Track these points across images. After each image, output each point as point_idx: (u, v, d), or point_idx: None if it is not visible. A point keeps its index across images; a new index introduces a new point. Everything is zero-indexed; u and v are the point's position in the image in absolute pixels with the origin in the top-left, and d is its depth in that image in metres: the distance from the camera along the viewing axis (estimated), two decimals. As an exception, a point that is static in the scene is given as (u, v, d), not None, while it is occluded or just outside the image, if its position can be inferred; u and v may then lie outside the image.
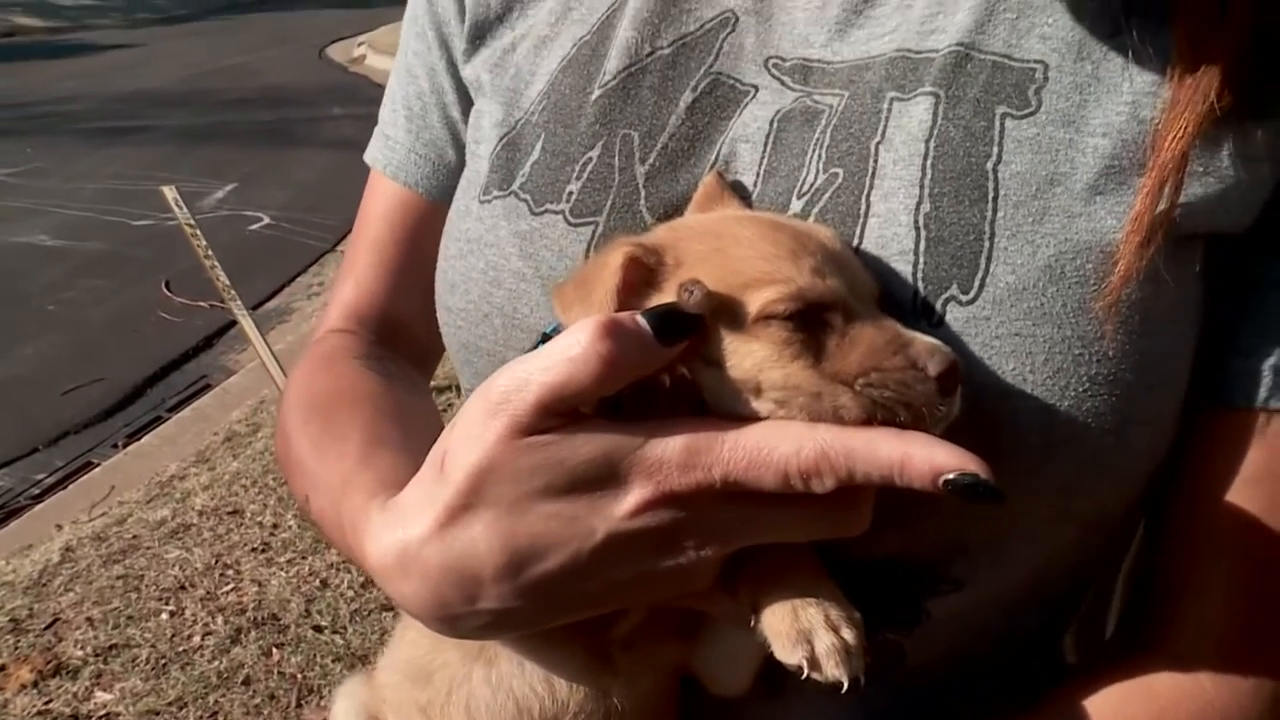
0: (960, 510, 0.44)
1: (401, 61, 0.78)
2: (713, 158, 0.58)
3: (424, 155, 0.75)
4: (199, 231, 4.33)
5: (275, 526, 3.32)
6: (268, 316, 5.48)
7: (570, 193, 0.60)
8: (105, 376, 5.04)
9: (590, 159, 0.60)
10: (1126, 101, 0.50)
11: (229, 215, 7.28)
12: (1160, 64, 0.49)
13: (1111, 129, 0.50)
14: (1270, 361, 0.51)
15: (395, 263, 0.76)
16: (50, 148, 9.77)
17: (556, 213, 0.60)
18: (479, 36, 0.70)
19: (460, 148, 0.73)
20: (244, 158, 9.05)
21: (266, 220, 7.27)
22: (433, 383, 0.82)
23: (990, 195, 0.50)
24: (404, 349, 0.76)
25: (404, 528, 0.48)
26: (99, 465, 4.23)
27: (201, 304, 5.69)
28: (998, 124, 0.50)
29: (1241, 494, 0.52)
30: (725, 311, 0.47)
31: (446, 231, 0.68)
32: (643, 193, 0.58)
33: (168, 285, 6.07)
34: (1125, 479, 0.52)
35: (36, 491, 4.10)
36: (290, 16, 20.98)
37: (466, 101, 0.73)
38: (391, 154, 0.77)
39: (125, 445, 4.40)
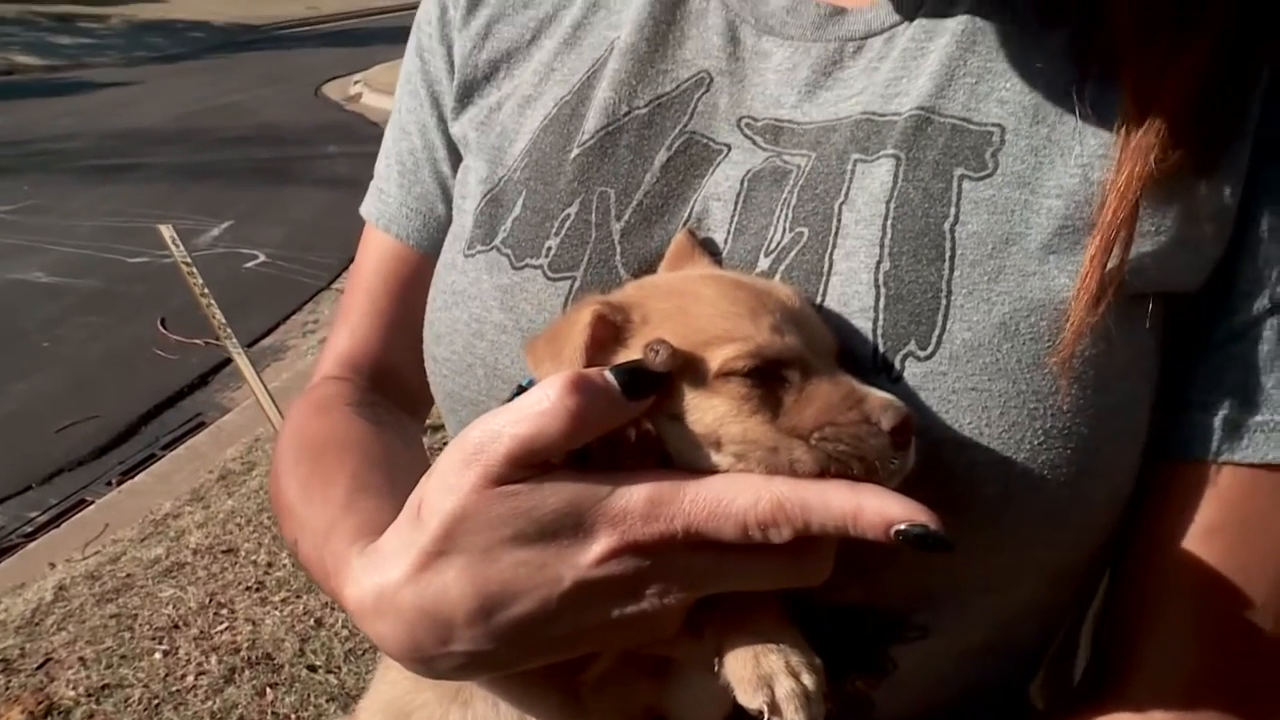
0: (922, 560, 0.46)
1: (396, 118, 0.81)
2: (686, 215, 0.60)
3: (415, 209, 0.78)
4: (195, 270, 4.35)
5: (270, 565, 3.32)
6: (263, 354, 5.50)
7: (549, 248, 0.63)
8: (100, 414, 5.06)
9: (569, 215, 0.63)
10: (1079, 164, 0.52)
11: (224, 252, 7.31)
12: (1110, 126, 0.52)
13: (1064, 190, 0.52)
14: (1221, 415, 0.53)
15: (388, 313, 0.79)
16: (47, 185, 9.82)
17: (536, 267, 0.62)
18: (467, 95, 0.73)
19: (449, 202, 0.76)
20: (240, 195, 9.09)
21: (262, 258, 7.30)
22: (428, 420, 0.84)
23: (947, 254, 0.52)
24: (396, 396, 0.78)
25: (381, 572, 0.50)
26: (93, 503, 4.23)
27: (197, 341, 5.71)
28: (955, 185, 0.53)
29: (1198, 544, 0.54)
30: (688, 368, 0.49)
31: (434, 283, 0.70)
32: (618, 248, 0.61)
33: (163, 323, 6.09)
34: (1084, 529, 0.54)
35: (29, 529, 4.10)
36: (286, 55, 21.13)
37: (456, 157, 0.76)
38: (385, 207, 0.80)
39: (119, 483, 4.40)
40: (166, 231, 4.46)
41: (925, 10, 0.58)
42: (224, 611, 3.10)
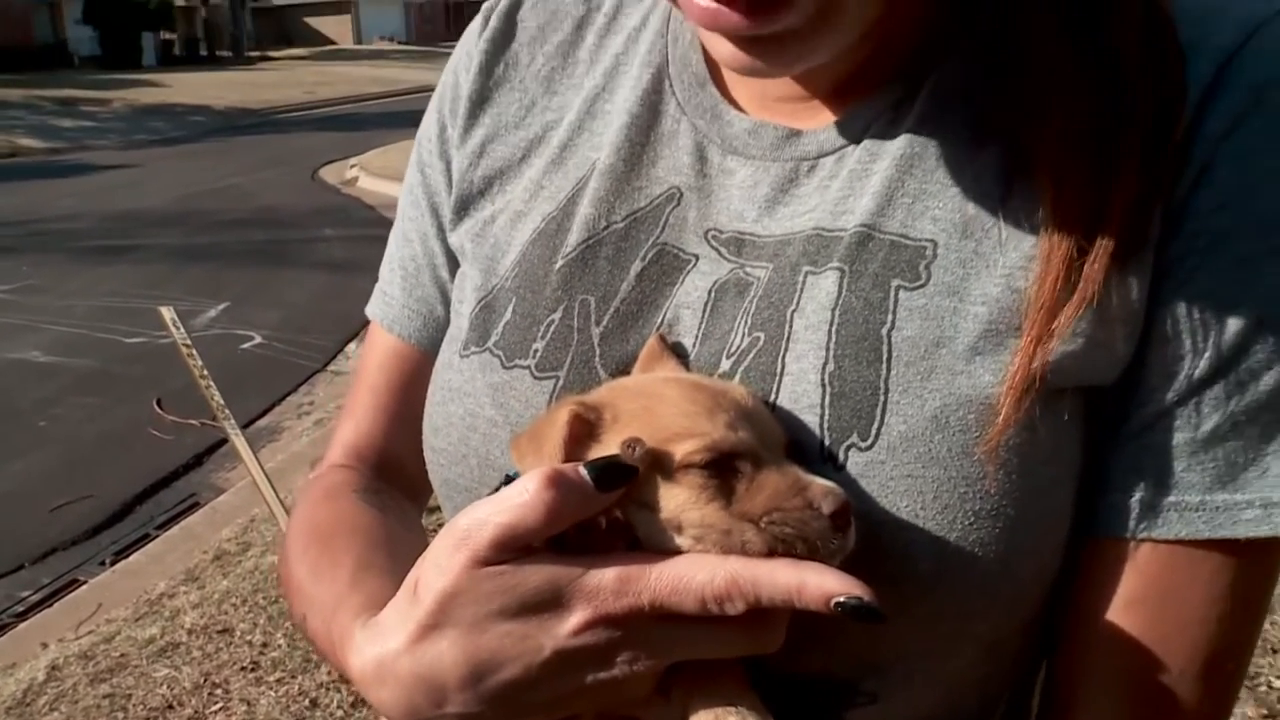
0: (866, 631, 0.52)
1: (399, 226, 0.88)
2: (659, 321, 0.67)
3: (416, 311, 0.84)
4: (195, 351, 4.43)
5: (265, 645, 3.34)
6: (258, 435, 5.54)
7: (536, 350, 0.69)
8: (94, 493, 5.08)
9: (553, 320, 0.69)
10: (1002, 274, 0.59)
11: (221, 334, 7.38)
12: (1032, 239, 0.59)
13: (989, 298, 0.59)
14: (1138, 496, 0.59)
15: (390, 407, 0.85)
16: (46, 265, 9.91)
17: (524, 367, 0.69)
18: (464, 208, 0.80)
19: (448, 305, 0.82)
20: (237, 277, 9.19)
21: (258, 339, 7.37)
22: (431, 501, 0.91)
23: (885, 357, 0.59)
24: (398, 483, 0.84)
25: (382, 643, 0.56)
26: (86, 583, 4.24)
27: (192, 422, 5.75)
28: (893, 295, 0.60)
29: (1121, 616, 0.60)
30: (654, 461, 0.55)
31: (433, 380, 0.77)
32: (597, 351, 0.68)
33: (159, 403, 6.14)
34: (1014, 602, 0.60)
35: (21, 609, 4.10)
36: (284, 139, 21.40)
37: (454, 264, 0.82)
38: (388, 309, 0.86)
39: (113, 563, 4.41)
40: (167, 313, 4.53)
41: (870, 133, 0.65)
42: (219, 692, 3.11)
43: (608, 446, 0.56)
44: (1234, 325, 0.57)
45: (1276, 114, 0.57)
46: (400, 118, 24.02)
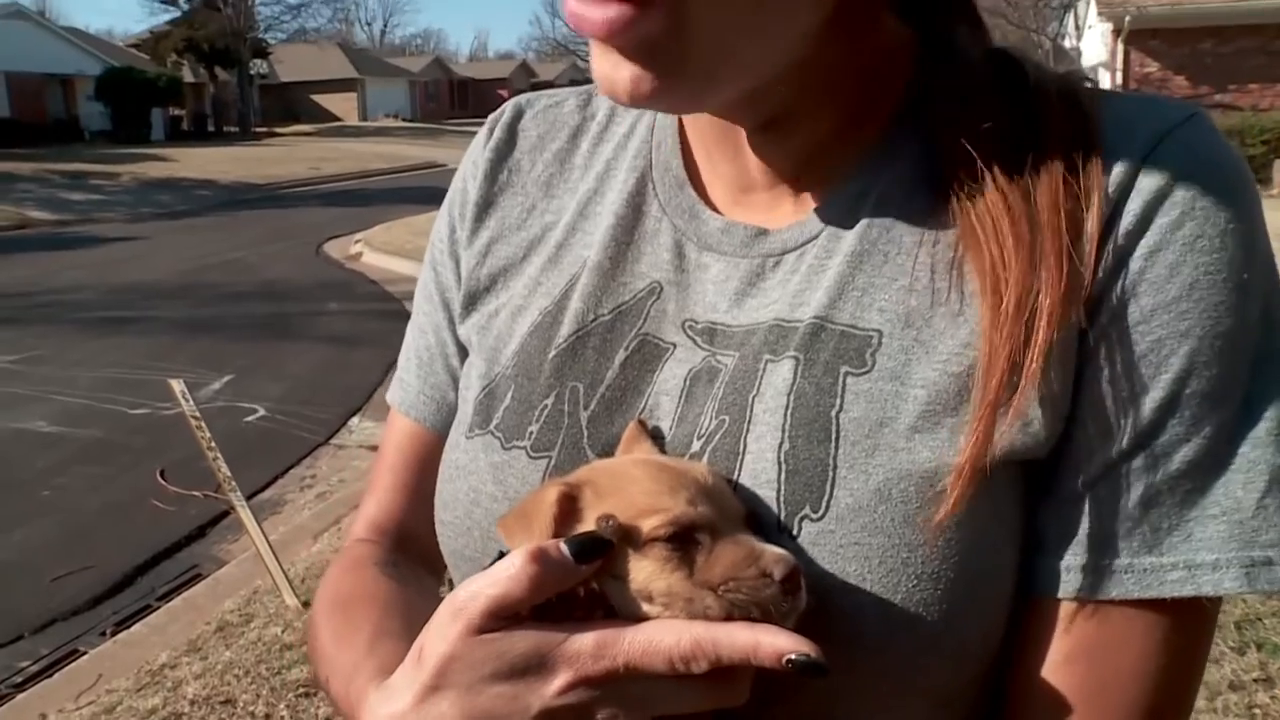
0: (827, 686, 0.58)
1: (415, 319, 0.95)
2: (641, 405, 0.74)
3: (430, 397, 0.91)
4: (203, 424, 4.50)
5: (268, 716, 3.35)
6: (261, 507, 5.57)
7: (532, 432, 0.76)
8: (95, 564, 5.09)
9: (546, 405, 0.76)
10: (940, 360, 0.66)
11: (225, 406, 7.44)
12: (968, 329, 0.66)
13: (928, 382, 0.65)
14: (1070, 560, 0.65)
15: (408, 485, 0.92)
16: (52, 336, 10.02)
17: (521, 448, 0.76)
18: (471, 304, 0.87)
19: (459, 391, 0.89)
20: (241, 350, 9.29)
21: (262, 412, 7.43)
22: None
23: (834, 436, 0.65)
24: (415, 555, 0.91)
25: (391, 704, 0.62)
26: (86, 653, 4.23)
27: (195, 493, 5.80)
28: (841, 380, 0.67)
29: (1059, 672, 0.65)
30: (624, 535, 0.61)
31: (443, 459, 0.83)
32: (586, 433, 0.75)
33: (162, 474, 6.18)
34: (961, 658, 0.65)
35: (20, 679, 4.09)
36: (289, 213, 21.63)
37: (464, 354, 0.89)
38: (405, 395, 0.93)
39: (114, 634, 4.41)
40: (177, 385, 4.61)
41: (827, 233, 0.72)
42: (219, 764, 3.12)
43: (589, 523, 0.63)
44: (1149, 404, 0.63)
45: (1179, 213, 0.64)
46: (404, 194, 24.41)
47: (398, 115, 66.92)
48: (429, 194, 23.10)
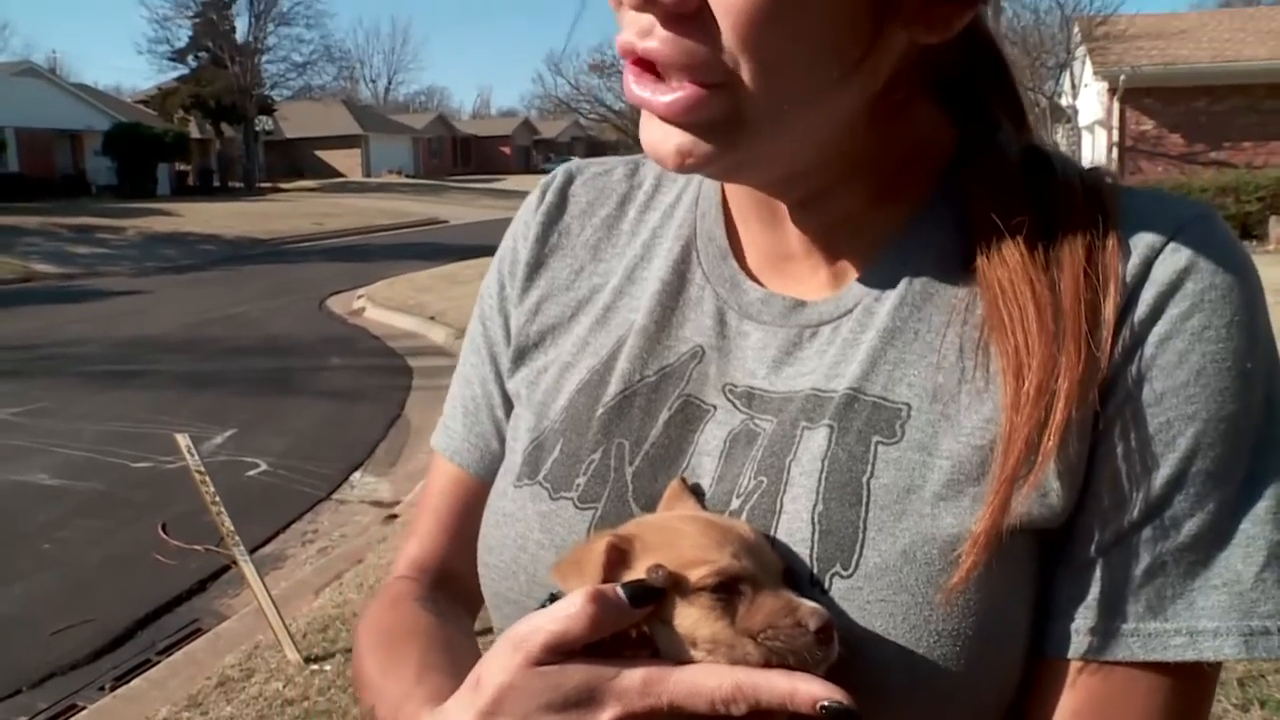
0: None
1: (461, 370, 0.99)
2: (683, 464, 0.79)
3: (475, 444, 0.95)
4: (208, 478, 4.53)
5: (267, 774, 3.35)
6: (262, 562, 5.57)
7: (579, 484, 0.80)
8: (95, 617, 5.08)
9: (593, 460, 0.81)
10: (965, 434, 0.70)
11: (227, 461, 7.47)
12: (991, 407, 0.70)
13: (952, 454, 0.70)
14: (1080, 623, 0.69)
15: (450, 527, 0.96)
16: (56, 389, 10.07)
17: (568, 499, 0.80)
18: (520, 359, 0.92)
19: (502, 440, 0.94)
20: (243, 405, 9.33)
21: (263, 466, 7.46)
22: (476, 626, 1.02)
23: (864, 500, 0.70)
24: (453, 593, 0.95)
25: None
26: (85, 708, 4.22)
27: (197, 547, 5.80)
28: (873, 449, 0.71)
29: None
30: (673, 584, 0.66)
31: (489, 505, 0.88)
32: (630, 487, 0.79)
33: (163, 528, 6.19)
34: (977, 711, 0.70)
35: (19, 734, 4.09)
36: (292, 268, 21.79)
37: (508, 405, 0.93)
38: (450, 441, 0.97)
39: (113, 688, 4.40)
40: (182, 440, 4.64)
41: (861, 308, 0.77)
42: (218, 821, 3.11)
43: (636, 572, 0.67)
44: (1158, 480, 0.68)
45: (1189, 305, 0.69)
46: (407, 250, 24.62)
47: (401, 171, 67.54)
48: (431, 250, 23.42)
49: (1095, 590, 0.69)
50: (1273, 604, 0.67)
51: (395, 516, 6.30)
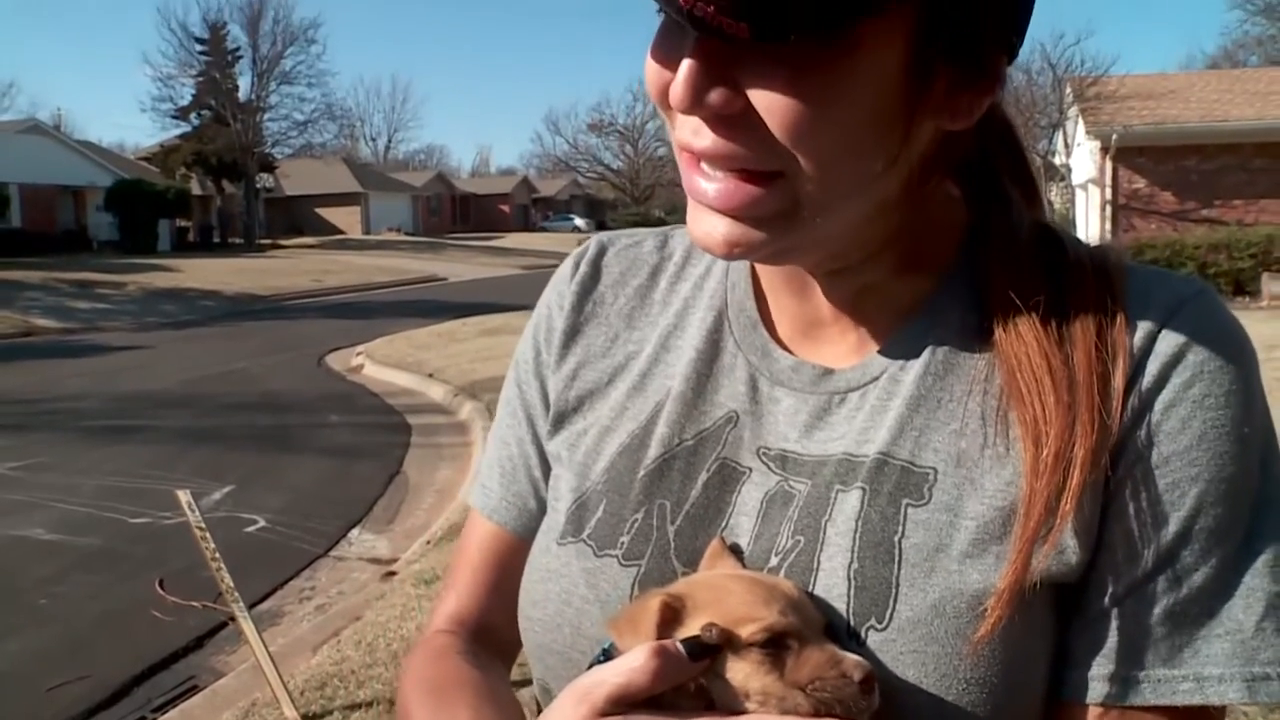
0: None
1: (497, 430, 1.04)
2: (722, 523, 0.83)
3: (512, 503, 0.99)
4: (208, 535, 4.52)
5: (265, 833, 3.32)
6: (260, 618, 5.53)
7: (623, 543, 0.85)
8: (92, 674, 5.04)
9: (636, 520, 0.85)
10: (988, 496, 0.75)
11: (225, 516, 7.44)
12: (1012, 470, 0.75)
13: (977, 515, 0.75)
14: (1095, 671, 0.74)
15: (488, 582, 1.00)
16: (54, 443, 10.07)
17: (613, 556, 0.84)
18: (560, 422, 0.96)
19: (539, 499, 0.98)
20: (242, 460, 9.32)
21: (262, 523, 7.43)
22: (511, 677, 1.05)
23: (896, 559, 0.75)
24: (491, 646, 0.98)
25: None
26: (81, 766, 4.20)
27: (194, 604, 5.76)
28: (903, 510, 0.76)
29: None
30: (726, 640, 0.71)
31: (531, 561, 0.91)
32: (673, 545, 0.83)
33: (161, 584, 6.16)
34: None
35: (13, 793, 4.05)
36: (291, 325, 21.86)
37: (545, 466, 0.97)
38: (488, 499, 1.01)
39: (109, 746, 4.37)
40: (183, 496, 4.64)
41: (888, 375, 0.82)
42: None
43: (688, 628, 0.72)
44: (1166, 536, 0.73)
45: (1190, 375, 0.75)
46: (406, 307, 24.69)
47: (400, 229, 67.91)
48: (430, 307, 23.53)
49: (1110, 639, 0.74)
50: (1272, 651, 0.72)
51: (393, 574, 6.28)
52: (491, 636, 0.98)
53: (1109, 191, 21.92)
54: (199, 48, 56.98)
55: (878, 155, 0.73)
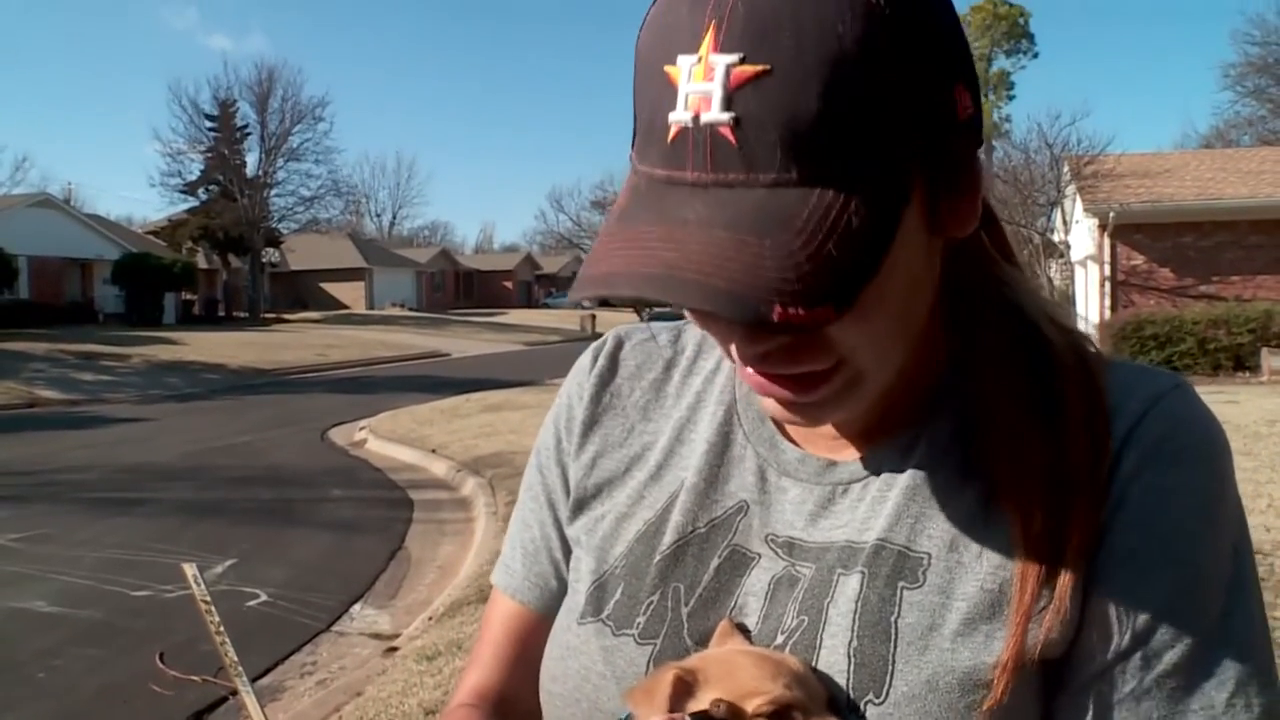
0: None
1: (519, 514, 1.09)
2: (731, 604, 0.87)
3: (534, 583, 1.04)
4: (214, 608, 4.51)
5: None
6: (260, 693, 5.47)
7: (639, 623, 0.89)
8: (90, 750, 5.01)
9: (652, 602, 0.89)
10: (978, 578, 0.79)
11: (227, 590, 7.40)
12: (1004, 555, 0.79)
13: (968, 596, 0.79)
14: None
15: (510, 658, 1.04)
16: (56, 515, 10.03)
17: (630, 635, 0.89)
18: (579, 508, 1.01)
19: (560, 579, 1.02)
20: (244, 534, 9.27)
21: (264, 597, 7.38)
22: None
23: (893, 637, 0.79)
24: (512, 719, 1.02)
25: None
26: (77, 844, 4.13)
27: (194, 678, 5.73)
28: (899, 592, 0.80)
29: None
30: (733, 714, 0.75)
31: (552, 638, 0.96)
32: (686, 625, 0.87)
33: (161, 657, 6.12)
34: None
35: None
36: (295, 399, 21.88)
37: (566, 548, 1.02)
38: (510, 579, 1.06)
39: (106, 824, 4.30)
40: (189, 570, 4.57)
41: (886, 468, 0.87)
42: None
43: (701, 700, 0.76)
44: (1143, 615, 0.77)
45: (1167, 463, 0.79)
46: (409, 382, 24.75)
47: (404, 304, 68.35)
48: (433, 383, 23.57)
49: (1091, 713, 0.78)
50: None
51: (395, 649, 6.22)
52: (512, 709, 1.02)
53: (1108, 268, 22.11)
54: (208, 124, 57.99)
55: (920, 305, 0.80)
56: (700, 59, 0.66)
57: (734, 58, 0.65)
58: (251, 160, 58.89)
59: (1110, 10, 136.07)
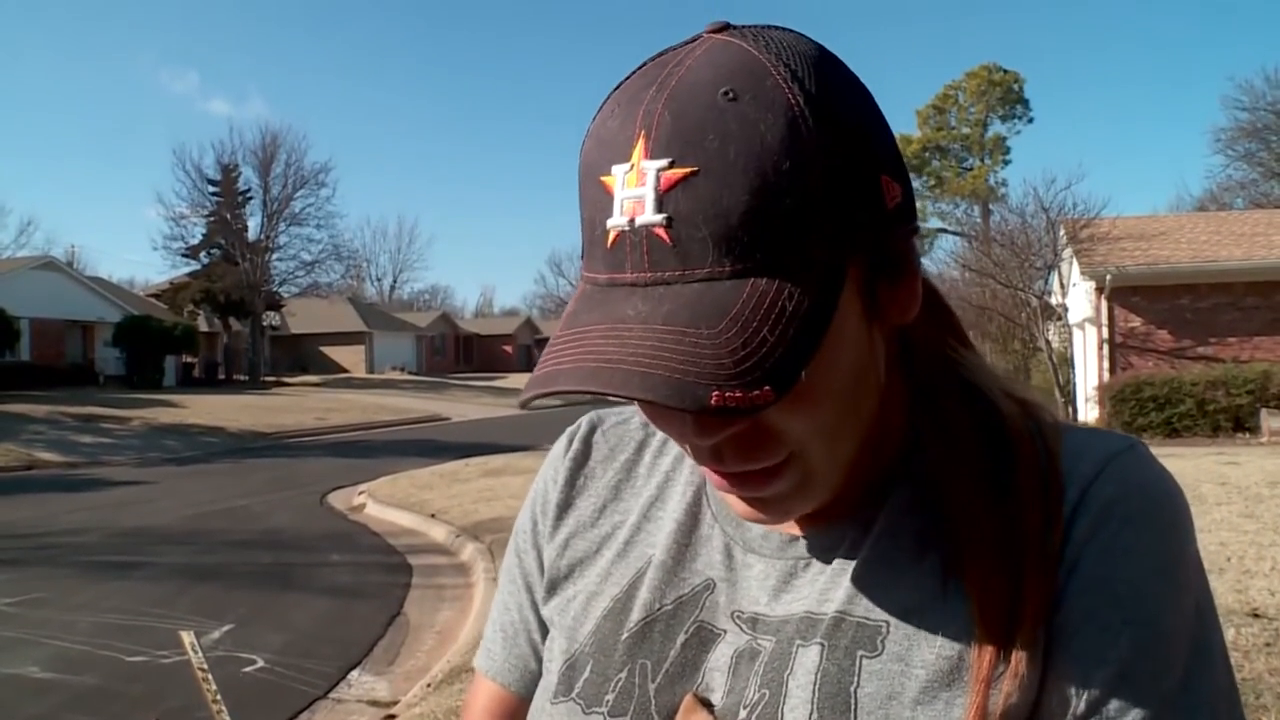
0: None
1: (500, 597, 1.12)
2: (698, 679, 0.89)
3: (514, 665, 1.07)
4: (210, 675, 4.46)
5: None
6: (256, 762, 5.44)
7: (608, 700, 0.90)
8: (82, 821, 4.93)
9: (620, 679, 0.91)
10: (936, 647, 0.80)
11: (223, 656, 7.32)
12: (958, 623, 0.80)
13: (926, 664, 0.80)
14: None
15: None
16: (53, 579, 9.95)
17: (600, 713, 0.90)
18: (553, 589, 1.03)
19: (539, 660, 1.05)
20: (242, 599, 9.21)
21: (261, 663, 7.30)
22: None
23: (852, 707, 0.80)
24: None
25: None
26: None
27: (189, 746, 5.65)
28: (858, 662, 0.81)
29: None
30: None
31: (529, 717, 0.98)
32: (653, 702, 0.89)
33: (156, 724, 6.05)
34: None
35: None
36: (294, 462, 21.83)
37: (543, 630, 1.05)
38: (492, 663, 1.09)
39: None
40: (187, 637, 4.54)
41: (847, 543, 0.88)
42: None
43: None
44: (1100, 677, 0.77)
45: (1118, 525, 0.80)
46: (409, 446, 24.70)
47: (404, 368, 68.47)
48: (433, 448, 23.53)
49: None
50: None
51: (393, 716, 6.15)
52: None
53: (1106, 330, 22.20)
54: (211, 189, 58.53)
55: (868, 393, 0.82)
56: (632, 166, 0.70)
57: (663, 162, 0.69)
58: (253, 224, 59.34)
59: (1104, 76, 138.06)
